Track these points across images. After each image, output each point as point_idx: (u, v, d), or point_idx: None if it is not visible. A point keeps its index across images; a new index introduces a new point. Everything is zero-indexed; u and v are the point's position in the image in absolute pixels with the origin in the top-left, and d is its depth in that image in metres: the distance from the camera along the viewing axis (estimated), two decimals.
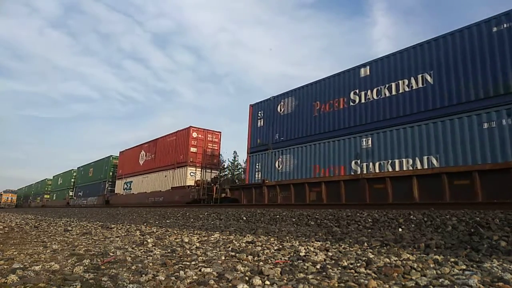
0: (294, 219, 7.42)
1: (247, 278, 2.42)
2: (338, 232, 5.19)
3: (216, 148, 20.88)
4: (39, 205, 44.68)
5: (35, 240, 4.95)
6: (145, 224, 8.09)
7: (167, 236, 5.22)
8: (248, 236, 5.10)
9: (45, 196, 47.19)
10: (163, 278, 2.40)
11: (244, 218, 8.47)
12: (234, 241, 4.55)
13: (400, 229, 5.36)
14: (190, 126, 20.18)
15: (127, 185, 26.38)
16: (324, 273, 2.53)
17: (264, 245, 4.05)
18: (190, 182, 19.19)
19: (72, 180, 38.73)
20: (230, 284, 2.27)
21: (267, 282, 2.29)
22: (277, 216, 7.99)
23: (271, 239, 4.66)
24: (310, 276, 2.45)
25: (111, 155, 30.24)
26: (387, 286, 2.20)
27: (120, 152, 28.67)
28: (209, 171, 19.88)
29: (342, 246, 3.91)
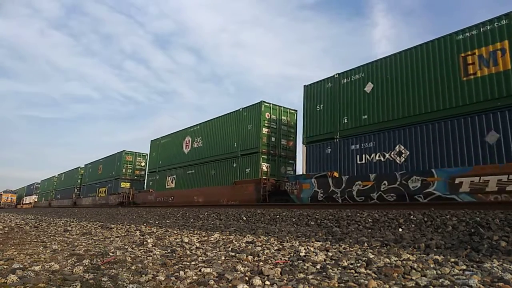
0: (294, 219, 7.42)
1: (247, 278, 2.42)
2: (338, 232, 5.18)
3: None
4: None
5: (35, 240, 4.95)
6: (145, 224, 8.09)
7: (167, 236, 5.22)
8: (248, 236, 5.10)
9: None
10: (163, 278, 2.40)
11: (244, 218, 8.47)
12: (234, 241, 4.54)
13: (400, 229, 5.36)
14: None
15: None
16: (324, 273, 2.53)
17: (264, 245, 4.05)
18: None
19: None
20: (230, 284, 2.27)
21: (267, 282, 2.28)
22: (277, 216, 7.99)
23: (271, 239, 4.66)
24: (310, 276, 2.45)
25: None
26: (387, 286, 2.19)
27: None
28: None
29: (342, 246, 3.91)
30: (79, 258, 3.25)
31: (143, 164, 28.63)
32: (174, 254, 3.50)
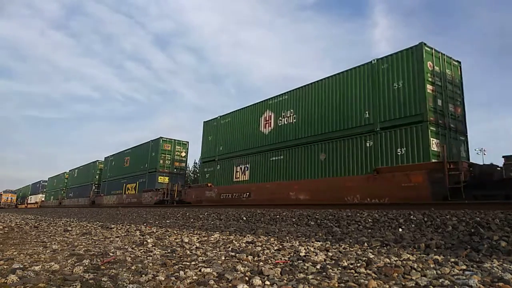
0: (294, 219, 7.42)
1: (247, 278, 2.42)
2: (338, 232, 5.18)
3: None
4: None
5: (35, 240, 4.95)
6: (145, 224, 8.09)
7: (167, 236, 5.22)
8: (248, 236, 5.10)
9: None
10: (163, 278, 2.40)
11: (244, 218, 8.47)
12: (234, 241, 4.54)
13: (400, 229, 5.36)
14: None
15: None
16: (324, 273, 2.53)
17: (264, 245, 4.05)
18: None
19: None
20: (230, 284, 2.27)
21: (267, 282, 2.28)
22: (277, 216, 7.99)
23: (271, 239, 4.66)
24: (310, 276, 2.45)
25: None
26: (387, 286, 2.19)
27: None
28: None
29: (342, 246, 3.91)
30: (79, 258, 3.25)
31: (183, 154, 23.89)
32: (174, 254, 3.50)
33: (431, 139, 9.68)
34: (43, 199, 48.32)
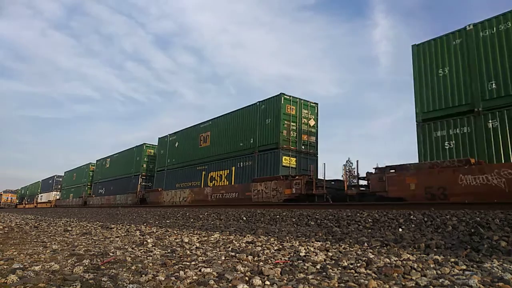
0: (294, 219, 7.42)
1: (247, 278, 2.42)
2: (338, 232, 5.18)
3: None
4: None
5: (35, 240, 4.95)
6: (145, 224, 8.09)
7: (167, 236, 5.22)
8: (248, 236, 5.10)
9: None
10: (163, 278, 2.40)
11: (244, 218, 8.47)
12: (234, 241, 4.54)
13: (400, 229, 5.36)
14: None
15: None
16: (324, 273, 2.53)
17: (264, 245, 4.05)
18: None
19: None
20: (230, 284, 2.27)
21: (267, 282, 2.28)
22: (277, 216, 7.99)
23: (271, 239, 4.66)
24: (310, 276, 2.45)
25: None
26: (387, 286, 2.19)
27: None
28: None
29: (342, 246, 3.91)
30: (79, 258, 3.25)
31: (312, 123, 15.98)
32: (174, 254, 3.50)
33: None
34: (58, 197, 41.43)
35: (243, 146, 16.63)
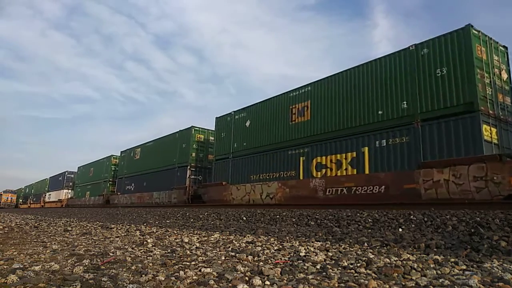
0: (294, 219, 7.42)
1: (247, 278, 2.42)
2: (338, 232, 5.18)
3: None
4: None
5: (35, 240, 4.95)
6: (145, 224, 8.09)
7: (167, 236, 5.22)
8: (248, 236, 5.10)
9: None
10: (163, 278, 2.40)
11: (244, 218, 8.47)
12: (234, 241, 4.54)
13: (400, 229, 5.36)
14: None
15: None
16: (324, 273, 2.53)
17: (264, 245, 4.05)
18: None
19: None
20: (230, 284, 2.27)
21: (267, 282, 2.28)
22: (277, 216, 7.99)
23: (271, 239, 4.66)
24: (310, 276, 2.45)
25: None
26: (387, 286, 2.19)
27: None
28: None
29: (342, 246, 3.91)
30: (79, 258, 3.25)
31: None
32: (174, 254, 3.50)
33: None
34: (70, 195, 36.81)
35: (383, 116, 10.69)
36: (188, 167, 19.21)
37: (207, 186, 17.10)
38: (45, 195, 43.00)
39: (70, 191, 37.58)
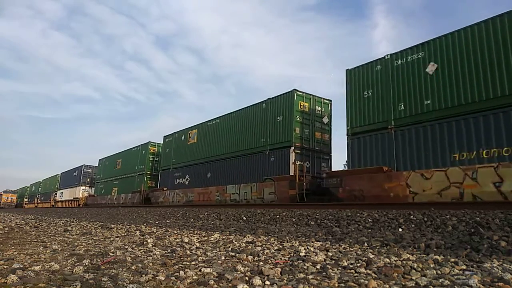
0: (294, 219, 7.42)
1: (247, 278, 2.42)
2: (338, 232, 5.18)
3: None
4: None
5: (35, 240, 4.95)
6: (145, 224, 8.09)
7: (167, 236, 5.22)
8: (248, 236, 5.10)
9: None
10: (163, 278, 2.40)
11: (244, 218, 8.47)
12: (234, 241, 4.55)
13: (400, 229, 5.36)
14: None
15: None
16: (324, 273, 2.53)
17: (264, 245, 4.05)
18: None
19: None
20: (230, 284, 2.27)
21: (267, 282, 2.28)
22: (277, 216, 7.99)
23: (271, 239, 4.66)
24: (310, 276, 2.45)
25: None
26: (387, 286, 2.19)
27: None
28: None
29: (342, 246, 3.91)
30: (79, 258, 3.25)
31: None
32: (174, 254, 3.50)
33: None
34: (89, 192, 31.87)
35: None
36: (293, 148, 13.90)
37: (342, 175, 12.36)
38: (56, 194, 38.26)
39: (87, 188, 32.48)
